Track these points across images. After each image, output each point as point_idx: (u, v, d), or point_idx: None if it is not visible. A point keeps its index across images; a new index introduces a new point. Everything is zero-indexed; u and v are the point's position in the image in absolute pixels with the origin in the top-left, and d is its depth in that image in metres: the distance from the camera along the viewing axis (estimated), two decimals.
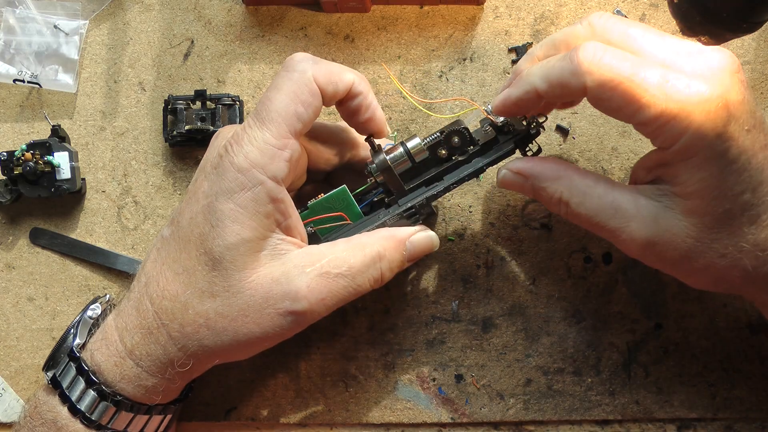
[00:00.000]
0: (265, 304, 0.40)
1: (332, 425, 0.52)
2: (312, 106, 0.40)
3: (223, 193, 0.39)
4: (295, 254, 0.41)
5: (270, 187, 0.39)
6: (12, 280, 0.54)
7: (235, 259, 0.39)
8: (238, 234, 0.39)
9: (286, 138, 0.39)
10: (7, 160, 0.52)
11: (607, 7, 0.54)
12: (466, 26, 0.54)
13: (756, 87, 0.53)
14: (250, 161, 0.39)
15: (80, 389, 0.42)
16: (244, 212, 0.39)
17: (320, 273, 0.40)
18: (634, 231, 0.40)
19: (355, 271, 0.41)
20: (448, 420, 0.52)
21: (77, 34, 0.55)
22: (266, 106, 0.40)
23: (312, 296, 0.40)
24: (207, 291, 0.40)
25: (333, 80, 0.41)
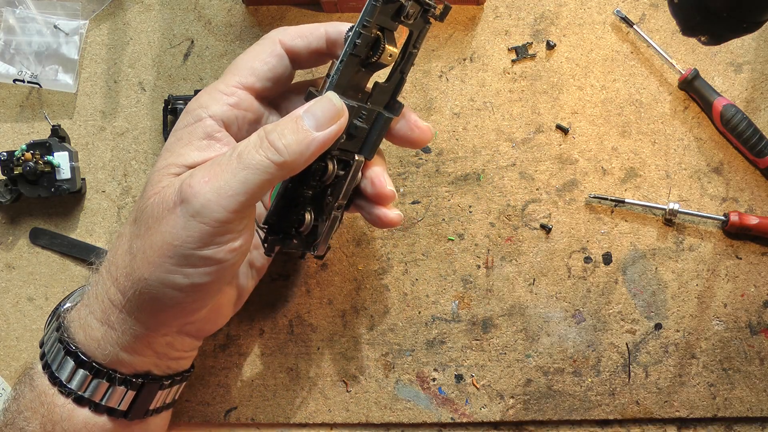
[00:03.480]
0: (162, 209, 0.39)
1: (332, 425, 0.52)
2: (269, 63, 0.42)
3: (173, 131, 0.42)
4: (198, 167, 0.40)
5: (208, 123, 0.41)
6: (12, 280, 0.54)
7: (158, 180, 0.40)
8: (165, 159, 0.41)
9: (236, 87, 0.42)
10: (7, 160, 0.52)
11: (607, 8, 0.54)
12: (466, 26, 0.54)
13: (756, 87, 0.53)
14: (198, 102, 0.42)
15: (53, 339, 0.43)
16: (178, 142, 0.41)
17: (209, 165, 0.39)
18: None
19: (240, 151, 0.38)
20: (448, 420, 0.52)
21: (77, 34, 0.55)
22: (233, 62, 0.43)
23: (195, 182, 0.38)
24: (131, 218, 0.41)
25: (302, 35, 0.43)
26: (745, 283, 0.52)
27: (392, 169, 0.54)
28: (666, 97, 0.53)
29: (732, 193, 0.52)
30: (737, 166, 0.53)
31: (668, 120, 0.53)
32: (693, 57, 0.54)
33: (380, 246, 0.53)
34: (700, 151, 0.53)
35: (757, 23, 0.38)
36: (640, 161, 0.53)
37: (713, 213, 0.52)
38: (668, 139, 0.53)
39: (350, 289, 0.53)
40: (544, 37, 0.54)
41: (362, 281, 0.53)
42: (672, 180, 0.53)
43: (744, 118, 0.51)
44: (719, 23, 0.38)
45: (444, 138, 0.54)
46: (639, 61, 0.54)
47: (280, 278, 0.53)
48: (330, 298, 0.53)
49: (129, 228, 0.41)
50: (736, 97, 0.53)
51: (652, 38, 0.53)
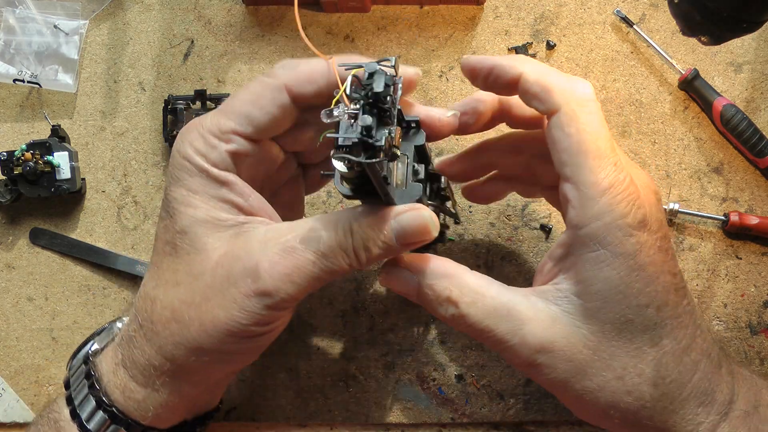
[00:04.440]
0: (226, 283, 0.36)
1: (332, 425, 0.52)
2: (270, 114, 0.38)
3: (174, 181, 0.38)
4: (260, 230, 0.37)
5: (215, 173, 0.38)
6: (12, 280, 0.54)
7: (193, 241, 0.37)
8: (191, 216, 0.37)
9: (231, 133, 0.38)
10: (7, 160, 0.52)
11: (607, 8, 0.54)
12: (466, 26, 0.54)
13: (756, 87, 0.53)
14: (193, 148, 0.38)
15: (83, 394, 0.40)
16: (194, 195, 0.38)
17: (284, 248, 0.36)
18: (527, 335, 0.36)
19: (324, 247, 0.35)
20: (448, 420, 0.52)
21: (77, 34, 0.55)
22: (230, 100, 0.39)
23: (275, 272, 0.35)
24: (172, 281, 0.38)
25: (312, 80, 0.38)
26: (745, 283, 0.52)
27: None
28: (666, 97, 0.53)
29: (732, 193, 0.52)
30: (737, 166, 0.53)
31: (668, 120, 0.53)
32: (693, 57, 0.54)
33: None
34: (700, 151, 0.53)
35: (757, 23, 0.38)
36: (640, 161, 0.53)
37: (713, 213, 0.52)
38: (668, 139, 0.53)
39: (350, 289, 0.53)
40: (544, 37, 0.54)
41: (362, 281, 0.53)
42: (672, 180, 0.53)
43: (744, 118, 0.51)
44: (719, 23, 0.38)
45: (444, 138, 0.54)
46: (639, 61, 0.54)
47: None
48: (330, 298, 0.53)
49: (173, 292, 0.38)
50: (736, 97, 0.53)
51: (652, 38, 0.53)
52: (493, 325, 0.37)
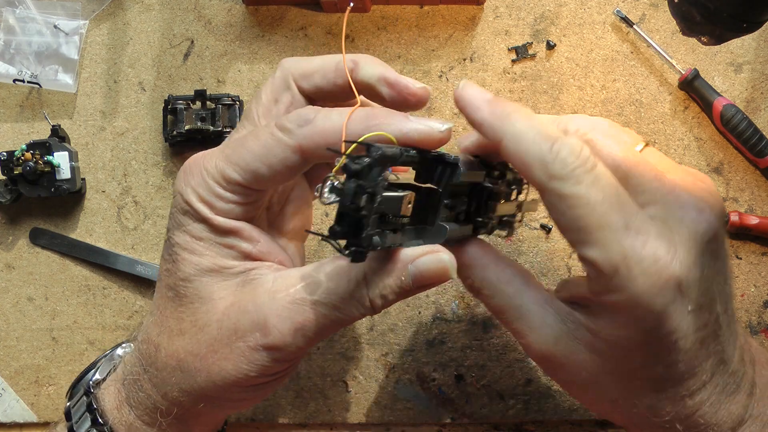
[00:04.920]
0: (234, 336, 0.35)
1: (332, 425, 0.52)
2: (278, 173, 0.35)
3: (176, 225, 0.36)
4: (268, 279, 0.36)
5: (218, 222, 0.36)
6: (12, 280, 0.54)
7: (198, 290, 0.36)
8: (196, 264, 0.36)
9: (236, 185, 0.35)
10: (7, 160, 0.52)
11: (607, 8, 0.54)
12: (466, 26, 0.54)
13: (756, 87, 0.53)
14: (197, 195, 0.35)
15: (86, 427, 0.40)
16: (199, 243, 0.36)
17: (294, 300, 0.34)
18: (532, 342, 0.36)
19: (336, 298, 0.34)
20: (448, 420, 0.52)
21: (77, 34, 0.55)
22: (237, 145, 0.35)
23: (284, 326, 0.34)
24: (176, 329, 0.37)
25: (331, 143, 0.34)
26: (745, 283, 0.52)
27: None
28: (666, 97, 0.53)
29: (732, 193, 0.52)
30: (737, 166, 0.53)
31: (668, 120, 0.53)
32: (693, 57, 0.54)
33: None
34: (700, 151, 0.53)
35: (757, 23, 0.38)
36: None
37: None
38: (668, 139, 0.53)
39: None
40: (544, 37, 0.54)
41: None
42: None
43: (744, 118, 0.51)
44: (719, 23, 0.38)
45: None
46: (639, 61, 0.54)
47: None
48: None
49: (178, 342, 0.37)
50: (736, 97, 0.53)
51: (652, 38, 0.53)
52: (509, 320, 0.37)
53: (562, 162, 0.32)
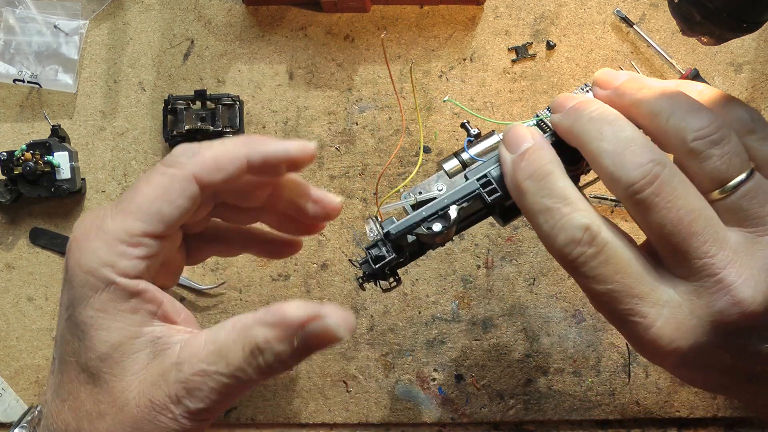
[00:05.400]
0: (153, 412, 0.35)
1: (332, 425, 0.52)
2: (181, 207, 0.35)
3: (78, 301, 0.35)
4: (172, 350, 0.35)
5: (125, 284, 0.34)
6: (12, 280, 0.54)
7: (111, 368, 0.35)
8: (105, 341, 0.35)
9: (141, 236, 0.35)
10: (7, 160, 0.52)
11: (607, 8, 0.54)
12: (466, 26, 0.54)
13: (756, 87, 0.53)
14: (97, 259, 0.34)
15: None
16: (105, 316, 0.35)
17: (195, 371, 0.34)
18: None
19: (234, 367, 0.34)
20: (448, 420, 0.52)
21: (77, 34, 0.55)
22: (129, 196, 0.35)
23: (194, 396, 0.34)
24: (95, 411, 0.35)
25: (221, 167, 0.35)
26: None
27: (392, 168, 0.54)
28: None
29: None
30: None
31: None
32: (693, 57, 0.54)
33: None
34: None
35: (757, 23, 0.38)
36: None
37: None
38: None
39: (350, 289, 0.53)
40: (544, 37, 0.54)
41: None
42: None
43: None
44: (719, 23, 0.38)
45: (444, 138, 0.54)
46: (639, 61, 0.54)
47: (280, 278, 0.53)
48: (330, 298, 0.53)
49: (100, 425, 0.35)
50: (736, 97, 0.53)
51: (652, 38, 0.53)
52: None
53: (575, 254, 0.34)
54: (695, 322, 0.33)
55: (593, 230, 0.34)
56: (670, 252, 0.34)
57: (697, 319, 0.33)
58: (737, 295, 0.32)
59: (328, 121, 0.54)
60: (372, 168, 0.54)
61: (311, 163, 0.38)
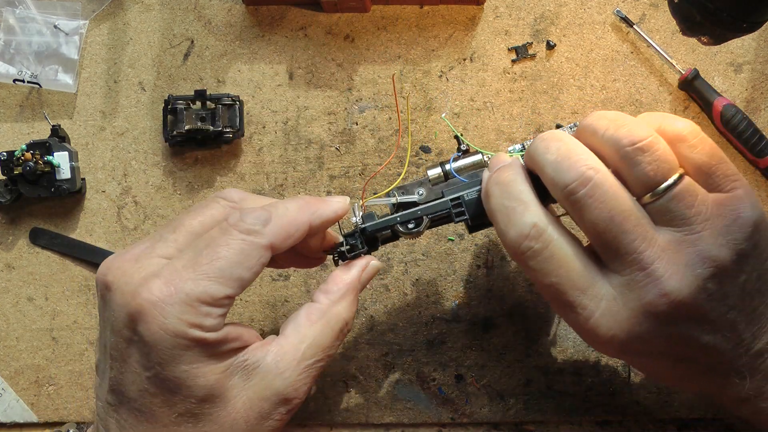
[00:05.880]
0: (263, 421, 0.39)
1: (332, 425, 0.52)
2: (257, 273, 0.39)
3: (167, 362, 0.36)
4: (268, 362, 0.39)
5: (212, 338, 0.37)
6: (12, 280, 0.54)
7: (214, 404, 0.38)
8: (204, 386, 0.37)
9: (223, 299, 0.37)
10: (7, 160, 0.52)
11: (607, 8, 0.54)
12: (466, 26, 0.54)
13: (756, 87, 0.53)
14: (184, 323, 0.36)
15: None
16: (198, 367, 0.37)
17: (300, 371, 0.39)
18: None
19: (329, 348, 0.40)
20: (448, 420, 0.52)
21: (77, 34, 0.55)
22: (208, 257, 0.37)
23: (300, 392, 0.40)
24: None
25: (291, 234, 0.40)
26: None
27: (392, 168, 0.54)
28: (666, 97, 0.53)
29: None
30: (737, 166, 0.52)
31: None
32: (693, 57, 0.54)
33: (380, 246, 0.53)
34: None
35: (757, 23, 0.38)
36: None
37: None
38: None
39: None
40: (544, 37, 0.54)
41: None
42: None
43: (744, 118, 0.51)
44: (719, 23, 0.38)
45: (444, 138, 0.54)
46: (639, 61, 0.54)
47: (280, 278, 0.53)
48: None
49: (187, 430, 0.38)
50: (736, 97, 0.53)
51: (652, 38, 0.53)
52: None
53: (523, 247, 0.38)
54: (629, 312, 0.37)
55: (540, 227, 0.38)
56: (604, 248, 0.37)
57: (631, 310, 0.37)
58: (665, 288, 0.36)
59: (328, 121, 0.54)
60: (372, 168, 0.54)
61: None
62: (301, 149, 0.54)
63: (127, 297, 0.37)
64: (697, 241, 0.36)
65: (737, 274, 0.37)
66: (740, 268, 0.37)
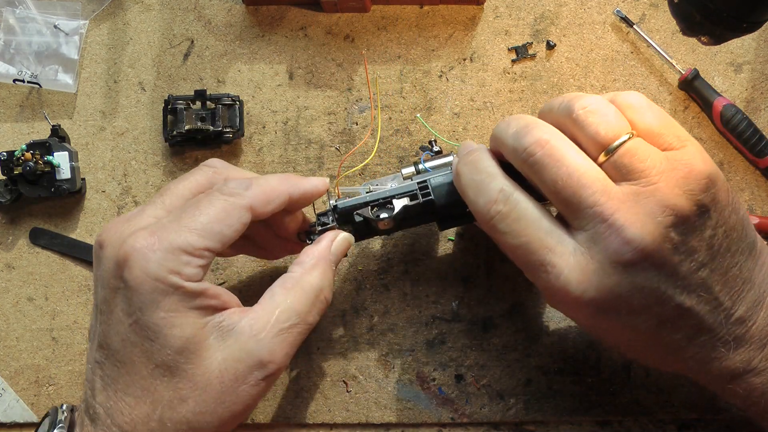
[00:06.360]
0: (236, 384, 0.39)
1: (332, 425, 0.52)
2: (237, 231, 0.41)
3: (146, 307, 0.38)
4: (243, 325, 0.40)
5: (191, 287, 0.39)
6: (12, 280, 0.54)
7: (189, 359, 0.39)
8: (180, 336, 0.38)
9: (203, 249, 0.39)
10: (7, 160, 0.52)
11: (607, 8, 0.54)
12: (466, 26, 0.54)
13: (756, 87, 0.53)
14: (165, 268, 0.38)
15: None
16: (176, 315, 0.39)
17: (275, 333, 0.40)
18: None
19: (305, 314, 0.41)
20: (448, 420, 0.52)
21: (77, 34, 0.55)
22: (192, 214, 0.40)
23: (276, 356, 0.40)
24: (176, 398, 0.39)
25: (271, 200, 0.43)
26: None
27: (392, 169, 0.54)
28: (666, 97, 0.53)
29: None
30: (737, 166, 0.53)
31: None
32: (693, 57, 0.54)
33: (380, 246, 0.53)
34: None
35: (757, 23, 0.38)
36: None
37: None
38: None
39: (350, 289, 0.53)
40: (544, 37, 0.54)
41: (362, 281, 0.53)
42: None
43: (744, 118, 0.51)
44: (719, 23, 0.38)
45: (444, 138, 0.54)
46: (639, 61, 0.54)
47: None
48: None
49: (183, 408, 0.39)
50: (736, 97, 0.53)
51: (652, 38, 0.53)
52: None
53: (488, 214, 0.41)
54: (596, 265, 0.38)
55: (506, 191, 0.40)
56: (566, 206, 0.39)
57: (598, 263, 0.38)
58: (627, 235, 0.37)
59: (328, 121, 0.54)
60: (372, 168, 0.54)
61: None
62: (301, 149, 0.54)
63: (116, 248, 0.39)
64: (654, 191, 0.37)
65: (701, 227, 0.37)
66: (702, 222, 0.37)
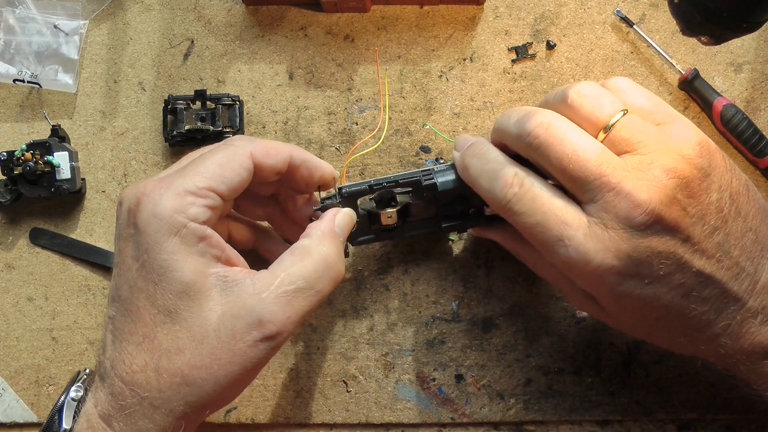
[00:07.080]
0: (233, 341, 0.39)
1: (332, 425, 0.52)
2: (240, 176, 0.42)
3: (152, 247, 0.39)
4: (246, 283, 0.40)
5: (194, 227, 0.39)
6: (12, 280, 0.54)
7: (188, 305, 0.39)
8: (181, 280, 0.39)
9: (207, 189, 0.40)
10: (7, 160, 0.52)
11: (607, 8, 0.54)
12: (466, 26, 0.54)
13: (756, 87, 0.53)
14: (170, 207, 0.39)
15: None
16: (178, 257, 0.39)
17: (278, 294, 0.39)
18: None
19: (312, 279, 0.40)
20: (448, 420, 0.52)
21: (77, 34, 0.55)
22: (196, 162, 0.41)
23: (277, 318, 0.39)
24: (173, 348, 0.39)
25: (270, 154, 0.43)
26: None
27: (392, 169, 0.54)
28: (666, 97, 0.53)
29: None
30: (737, 166, 0.53)
31: None
32: (693, 57, 0.54)
33: (380, 246, 0.53)
34: None
35: (757, 23, 0.38)
36: None
37: None
38: None
39: (350, 289, 0.53)
40: (544, 37, 0.54)
41: (362, 281, 0.53)
42: None
43: (744, 118, 0.51)
44: (719, 23, 0.38)
45: (448, 137, 0.54)
46: (639, 61, 0.54)
47: None
48: (330, 298, 0.53)
49: (179, 359, 0.39)
50: (736, 97, 0.53)
51: (652, 38, 0.53)
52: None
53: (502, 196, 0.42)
54: (611, 233, 0.39)
55: (521, 175, 0.41)
56: (574, 183, 0.40)
57: (613, 230, 0.39)
58: (636, 199, 0.38)
59: (328, 121, 0.54)
60: (372, 168, 0.54)
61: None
62: None
63: (131, 197, 0.40)
64: (654, 158, 0.39)
65: (706, 190, 0.39)
66: (706, 185, 0.39)
